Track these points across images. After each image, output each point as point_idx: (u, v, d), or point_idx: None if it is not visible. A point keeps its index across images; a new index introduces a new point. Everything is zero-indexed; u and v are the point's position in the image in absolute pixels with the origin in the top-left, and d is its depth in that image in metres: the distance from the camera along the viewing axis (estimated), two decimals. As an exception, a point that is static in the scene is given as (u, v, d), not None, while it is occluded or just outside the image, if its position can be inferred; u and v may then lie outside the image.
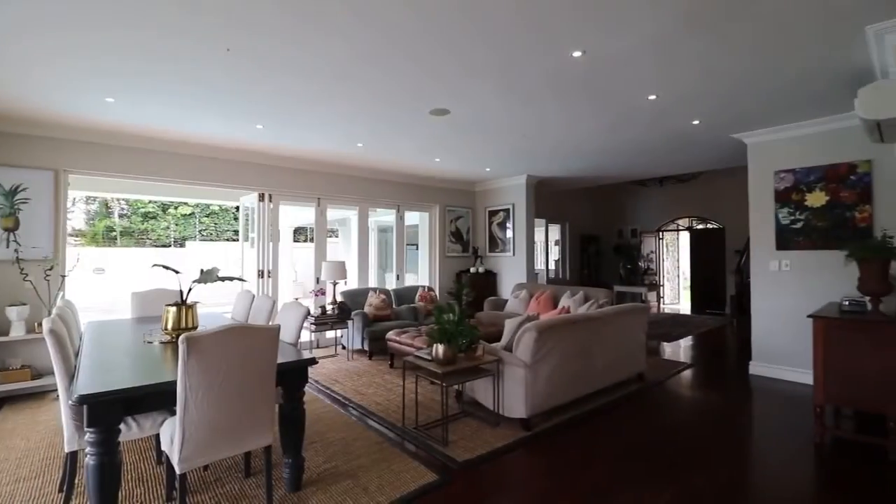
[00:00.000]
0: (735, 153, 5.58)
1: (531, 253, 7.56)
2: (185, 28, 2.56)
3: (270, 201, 5.69)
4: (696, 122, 4.51)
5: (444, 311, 3.13)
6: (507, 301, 6.67)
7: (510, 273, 7.56)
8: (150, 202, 16.42)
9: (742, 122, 4.54)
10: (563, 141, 5.17)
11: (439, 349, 3.03)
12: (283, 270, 6.01)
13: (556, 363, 3.37)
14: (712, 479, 2.59)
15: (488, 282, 7.62)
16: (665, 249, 11.34)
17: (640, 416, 3.58)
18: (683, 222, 10.58)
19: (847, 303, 3.23)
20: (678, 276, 11.55)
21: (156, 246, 16.64)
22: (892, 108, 2.81)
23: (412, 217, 7.66)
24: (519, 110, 4.08)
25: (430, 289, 6.57)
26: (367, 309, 5.59)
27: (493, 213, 7.92)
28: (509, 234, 7.58)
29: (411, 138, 4.97)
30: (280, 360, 2.29)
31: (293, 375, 2.43)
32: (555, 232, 10.15)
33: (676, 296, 11.57)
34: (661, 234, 10.91)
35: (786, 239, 4.67)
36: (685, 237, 10.85)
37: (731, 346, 6.38)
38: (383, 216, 8.15)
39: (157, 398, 2.02)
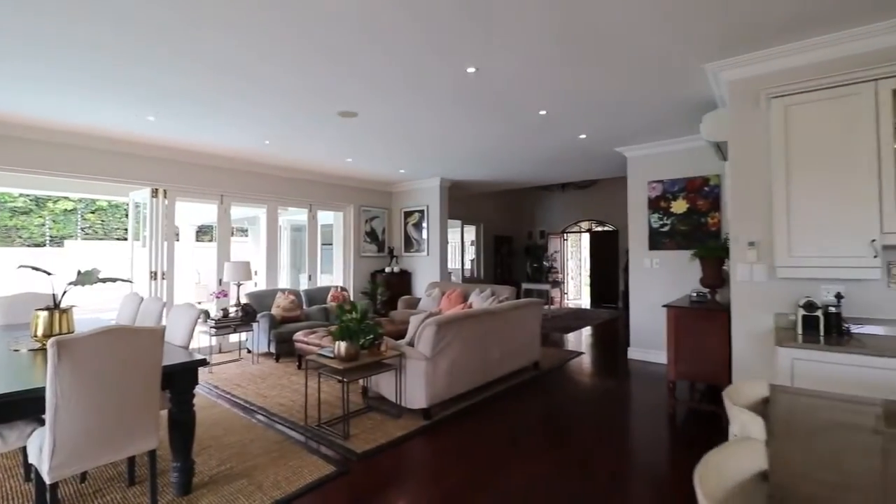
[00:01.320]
0: (619, 164, 6.29)
1: (445, 253, 7.83)
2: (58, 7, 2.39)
3: (165, 197, 5.33)
4: (583, 137, 5.04)
5: (346, 309, 3.22)
6: (420, 300, 6.87)
7: (425, 272, 7.77)
8: (20, 196, 14.30)
9: (622, 137, 5.15)
10: (471, 147, 5.48)
11: (341, 347, 3.12)
12: (182, 272, 5.65)
13: (455, 355, 3.61)
14: (585, 447, 2.98)
15: (403, 281, 7.77)
16: (569, 250, 12.31)
17: (533, 400, 3.95)
18: (585, 225, 11.57)
19: (695, 294, 3.86)
20: (580, 273, 12.60)
21: (28, 245, 14.52)
22: (725, 133, 3.41)
23: (327, 216, 7.57)
24: (426, 117, 4.28)
25: (343, 289, 6.56)
26: (274, 310, 5.46)
27: (408, 214, 8.08)
28: (424, 234, 7.79)
29: (321, 138, 4.96)
30: (167, 362, 2.24)
31: (182, 378, 2.38)
32: (470, 233, 10.59)
33: (579, 292, 12.60)
34: (565, 235, 11.83)
35: (656, 240, 5.39)
36: (586, 238, 11.88)
37: (617, 336, 7.17)
38: (297, 215, 7.95)
39: (24, 406, 1.89)
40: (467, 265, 10.48)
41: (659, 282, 5.32)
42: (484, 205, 10.43)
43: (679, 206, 5.27)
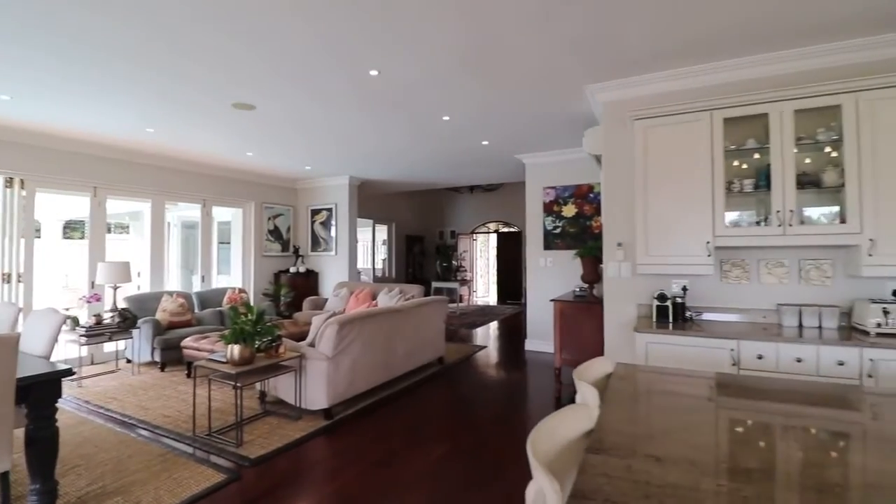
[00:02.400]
0: (519, 170, 6.74)
1: (354, 252, 7.75)
2: None
3: (23, 188, 4.62)
4: (485, 143, 5.34)
5: (241, 311, 3.09)
6: (327, 300, 6.73)
7: (333, 272, 7.62)
8: None
9: (521, 145, 5.54)
10: (379, 147, 5.51)
11: (234, 350, 2.98)
12: (45, 273, 4.93)
13: (358, 354, 3.63)
14: (480, 433, 3.19)
15: (310, 282, 7.54)
16: (478, 249, 12.84)
17: (436, 393, 4.12)
18: (493, 226, 12.15)
19: (578, 289, 4.31)
20: (489, 272, 13.20)
21: None
22: (600, 147, 3.85)
23: (224, 213, 7.08)
24: (330, 115, 4.23)
25: (241, 290, 6.20)
26: (159, 315, 5.00)
27: (315, 212, 7.86)
28: (333, 233, 7.64)
29: (215, 130, 4.66)
30: (22, 374, 1.99)
31: (40, 391, 2.12)
32: (382, 232, 10.57)
33: (488, 290, 13.20)
34: (474, 235, 12.31)
35: (550, 241, 5.88)
36: (494, 239, 12.49)
37: (519, 329, 7.68)
38: (189, 211, 7.32)
39: None
40: (378, 265, 10.45)
41: (552, 279, 5.82)
42: (396, 204, 10.48)
43: (569, 211, 5.81)
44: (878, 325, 2.51)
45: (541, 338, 5.85)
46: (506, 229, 11.81)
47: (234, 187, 6.88)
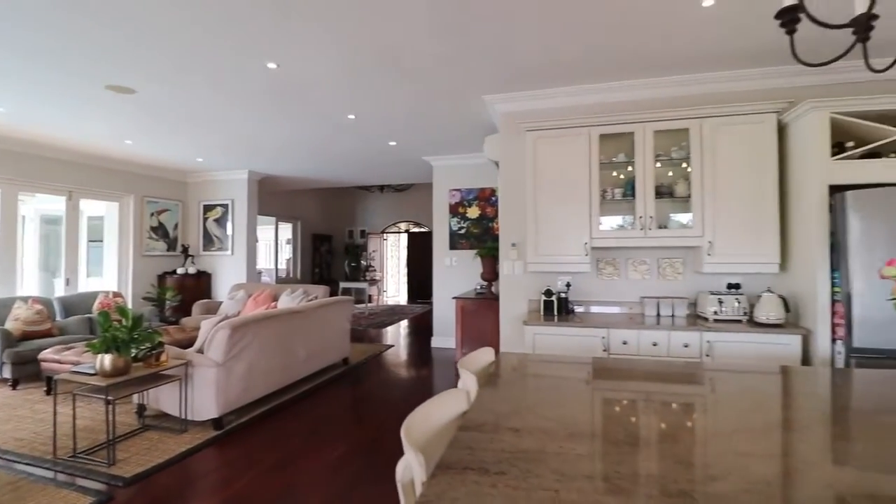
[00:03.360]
0: (427, 171, 6.89)
1: (254, 252, 7.32)
2: None
3: None
4: (393, 143, 5.39)
5: (112, 316, 2.79)
6: (222, 303, 6.27)
7: (228, 273, 7.11)
8: None
9: (428, 148, 5.68)
10: (282, 142, 5.28)
11: (105, 360, 2.68)
12: None
13: (254, 358, 3.47)
14: (379, 428, 3.23)
15: (201, 284, 6.96)
16: (388, 249, 12.83)
17: (339, 394, 4.07)
18: (403, 225, 12.22)
19: (479, 287, 4.55)
20: (399, 272, 13.25)
21: None
22: (498, 153, 4.10)
23: (97, 207, 6.25)
24: (228, 106, 3.97)
25: (116, 294, 5.53)
26: (10, 324, 4.28)
27: (209, 208, 7.27)
28: (229, 231, 7.13)
29: (84, 113, 4.11)
30: None
31: None
32: (286, 230, 10.09)
33: (398, 289, 13.24)
34: (385, 235, 12.28)
35: (455, 241, 6.11)
36: (405, 238, 12.56)
37: (428, 328, 7.83)
38: (51, 203, 6.34)
39: None
40: (282, 265, 9.96)
41: (457, 278, 6.05)
42: (302, 202, 10.07)
43: (473, 212, 6.09)
44: (715, 313, 3.03)
45: (446, 335, 6.04)
46: (416, 229, 11.95)
47: (109, 178, 6.10)
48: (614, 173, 3.46)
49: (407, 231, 12.12)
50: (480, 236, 6.00)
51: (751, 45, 2.85)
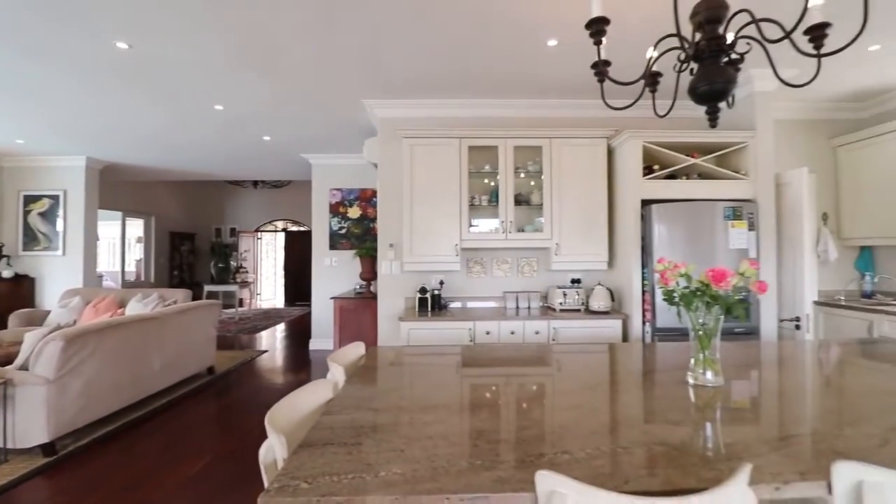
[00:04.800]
0: (306, 169, 6.70)
1: (93, 252, 6.31)
2: None
3: None
4: (267, 139, 5.15)
5: None
6: (49, 313, 5.30)
7: (59, 277, 6.03)
8: None
9: (306, 145, 5.54)
10: (132, 128, 4.67)
11: None
12: None
13: (95, 373, 3.06)
14: (245, 438, 3.11)
15: (20, 290, 5.79)
16: (263, 249, 12.04)
17: (202, 405, 3.78)
18: (280, 224, 11.57)
19: (358, 287, 4.60)
20: (275, 273, 12.52)
21: None
22: (377, 156, 4.22)
23: None
24: (61, 82, 3.41)
25: None
26: None
27: (32, 199, 6.07)
28: (59, 227, 6.04)
29: None
30: None
31: None
32: (137, 227, 8.85)
33: (274, 291, 12.49)
34: (259, 234, 11.50)
35: (335, 241, 6.06)
36: (282, 237, 11.91)
37: (306, 331, 7.60)
38: None
39: None
40: (130, 267, 8.72)
41: (338, 278, 6.00)
42: (157, 195, 8.94)
43: (354, 212, 6.10)
44: (560, 304, 3.55)
45: (325, 336, 5.96)
46: (295, 228, 11.43)
47: None
48: (485, 180, 3.83)
49: (284, 230, 11.52)
50: (361, 236, 6.04)
51: (587, 81, 3.41)
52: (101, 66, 3.12)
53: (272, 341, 6.74)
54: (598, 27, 1.49)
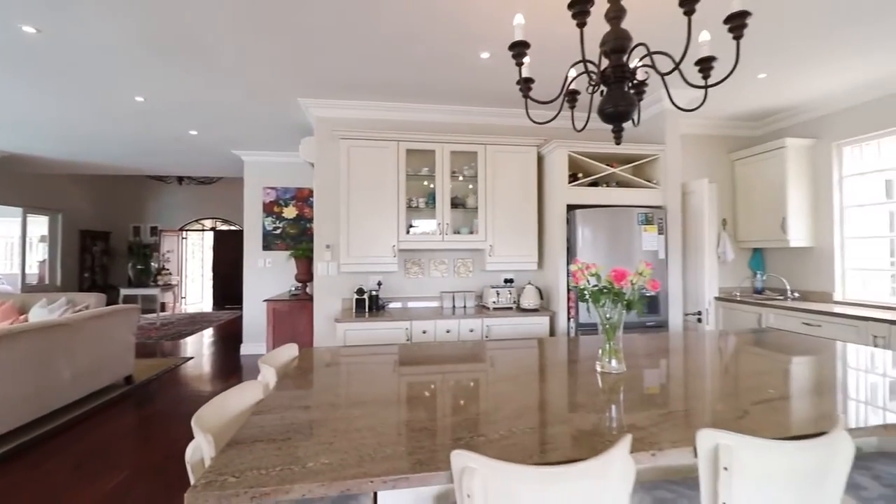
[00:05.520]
0: (238, 165, 6.41)
1: (-14, 252, 5.63)
2: None
3: None
4: (194, 133, 4.89)
5: None
6: (-70, 320, 4.66)
7: (-58, 280, 5.31)
8: None
9: (238, 141, 5.31)
10: (37, 116, 4.24)
11: None
12: None
13: (-9, 385, 2.77)
14: (170, 447, 2.96)
15: None
16: (189, 249, 11.31)
17: (120, 417, 3.53)
18: (209, 223, 10.92)
19: (293, 288, 4.51)
20: (203, 275, 11.80)
21: None
22: (313, 156, 4.16)
23: None
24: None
25: None
26: None
27: None
28: (-58, 224, 5.32)
29: None
30: None
31: None
32: (40, 225, 7.97)
33: (201, 295, 11.77)
34: (184, 233, 10.79)
35: (269, 242, 5.86)
36: (210, 237, 11.25)
37: (238, 335, 7.25)
38: None
39: None
40: (33, 269, 7.85)
41: (272, 280, 5.81)
42: (65, 190, 8.11)
43: (290, 212, 5.94)
44: (494, 302, 3.72)
45: (258, 341, 5.75)
46: (225, 227, 10.85)
47: None
48: (425, 182, 3.91)
49: (213, 229, 10.91)
50: (297, 237, 5.90)
51: (518, 92, 3.61)
52: (6, 50, 2.83)
53: (199, 347, 6.38)
54: (519, 50, 1.62)
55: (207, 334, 7.30)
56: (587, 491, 0.86)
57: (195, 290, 11.66)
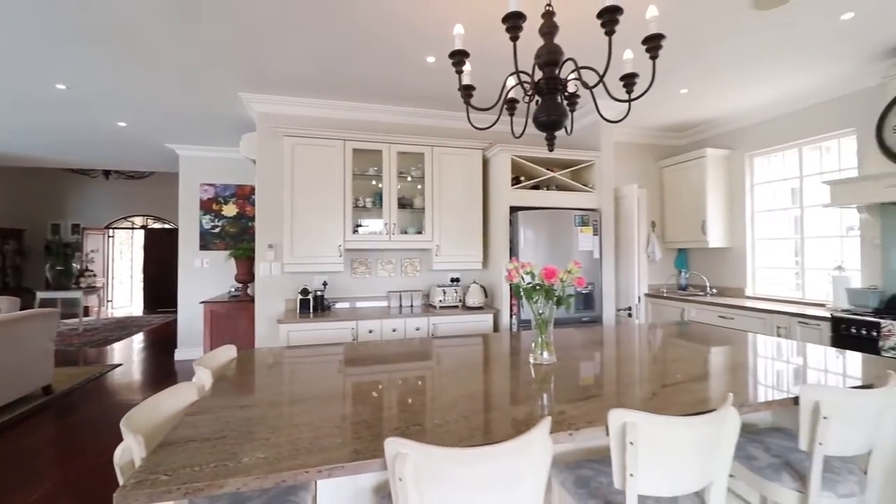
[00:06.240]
0: (172, 160, 6.06)
1: None
2: None
3: None
4: (122, 125, 4.58)
5: None
6: None
7: None
8: None
9: (173, 134, 5.03)
10: (-74, 98, 3.80)
11: None
12: None
13: None
14: (95, 459, 2.78)
15: None
16: (116, 249, 10.51)
17: (37, 430, 3.24)
18: (139, 220, 10.22)
19: (233, 289, 4.34)
20: (132, 277, 11.00)
21: None
22: (255, 152, 4.03)
23: None
24: None
25: None
26: None
27: None
28: None
29: None
30: None
31: None
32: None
33: (130, 298, 10.97)
34: (111, 231, 10.02)
35: (208, 241, 5.60)
36: (140, 236, 10.51)
37: (173, 340, 6.85)
38: None
39: None
40: (-73, 270, 6.99)
41: (209, 281, 5.55)
42: (-33, 183, 7.29)
43: (230, 210, 5.71)
44: (440, 301, 3.79)
45: (195, 345, 5.47)
46: (158, 225, 10.20)
47: None
48: (373, 182, 3.90)
49: (144, 227, 10.22)
50: (238, 236, 5.68)
51: (463, 96, 3.71)
52: None
53: (128, 353, 5.97)
54: (459, 58, 1.70)
55: (138, 340, 6.84)
56: (510, 469, 0.95)
57: (123, 293, 10.85)
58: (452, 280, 4.03)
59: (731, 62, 3.15)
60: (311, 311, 3.56)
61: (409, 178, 3.94)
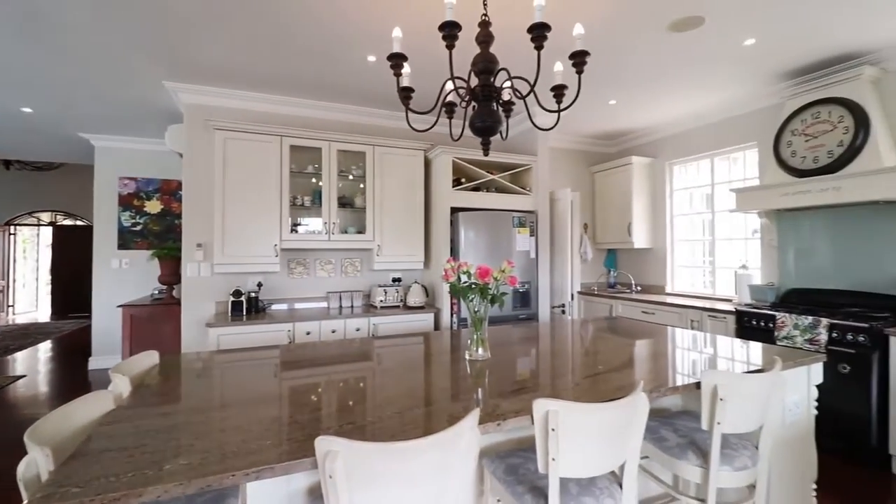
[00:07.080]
0: (86, 151, 5.55)
1: None
2: None
3: None
4: (28, 110, 4.13)
5: None
6: None
7: None
8: None
9: (86, 123, 4.60)
10: None
11: None
12: None
13: None
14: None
15: None
16: (19, 247, 9.41)
17: (-87, 456, 2.85)
18: (46, 216, 9.22)
19: (156, 292, 4.06)
20: (38, 279, 9.90)
21: None
22: (182, 145, 3.80)
23: None
24: None
25: None
26: None
27: None
28: None
29: None
30: None
31: None
32: None
33: (35, 302, 9.88)
34: (13, 228, 8.97)
35: (127, 239, 5.18)
36: (48, 233, 9.50)
37: (87, 347, 6.25)
38: None
39: None
40: None
41: (129, 283, 5.14)
42: None
43: (153, 206, 5.32)
44: (381, 301, 3.78)
45: (112, 353, 5.04)
46: (69, 222, 9.26)
47: None
48: (312, 180, 3.80)
49: (52, 224, 9.25)
50: (163, 234, 5.30)
51: (405, 96, 3.73)
52: None
53: (33, 363, 5.38)
54: (396, 61, 1.72)
55: (45, 348, 6.18)
56: (440, 461, 0.99)
57: (27, 297, 9.75)
58: (394, 280, 4.04)
59: (651, 78, 3.43)
60: (245, 313, 3.42)
61: (351, 177, 3.90)
